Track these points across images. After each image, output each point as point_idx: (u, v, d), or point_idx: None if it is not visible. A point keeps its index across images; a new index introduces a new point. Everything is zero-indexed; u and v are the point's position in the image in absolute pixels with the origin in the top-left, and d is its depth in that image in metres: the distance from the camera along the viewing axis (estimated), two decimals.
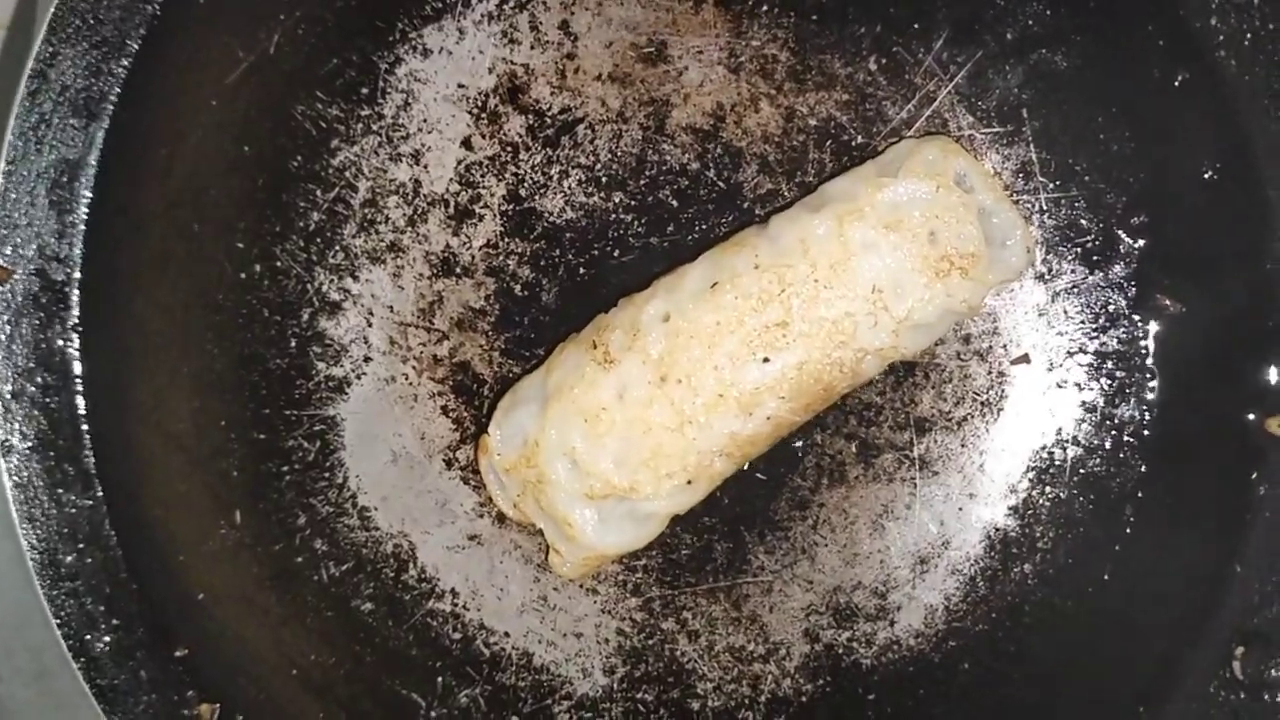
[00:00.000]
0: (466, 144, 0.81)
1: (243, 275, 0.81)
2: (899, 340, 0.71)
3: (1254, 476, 0.73)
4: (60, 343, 0.79)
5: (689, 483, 0.73)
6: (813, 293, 0.70)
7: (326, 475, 0.82)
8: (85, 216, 0.78)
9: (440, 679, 0.82)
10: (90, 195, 0.78)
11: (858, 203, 0.71)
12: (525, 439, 0.75)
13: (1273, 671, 0.69)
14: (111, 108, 0.76)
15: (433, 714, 0.82)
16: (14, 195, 0.77)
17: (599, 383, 0.73)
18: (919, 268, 0.70)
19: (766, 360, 0.71)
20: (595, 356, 0.73)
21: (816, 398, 0.73)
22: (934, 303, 0.70)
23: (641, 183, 0.80)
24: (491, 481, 0.79)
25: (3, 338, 0.77)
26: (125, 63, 0.75)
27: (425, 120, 0.81)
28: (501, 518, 0.82)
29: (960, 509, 0.80)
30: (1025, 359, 0.79)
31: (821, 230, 0.71)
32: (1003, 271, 0.72)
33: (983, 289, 0.71)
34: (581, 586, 0.82)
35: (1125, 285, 0.78)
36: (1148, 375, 0.78)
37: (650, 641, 0.82)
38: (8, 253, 0.76)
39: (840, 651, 0.81)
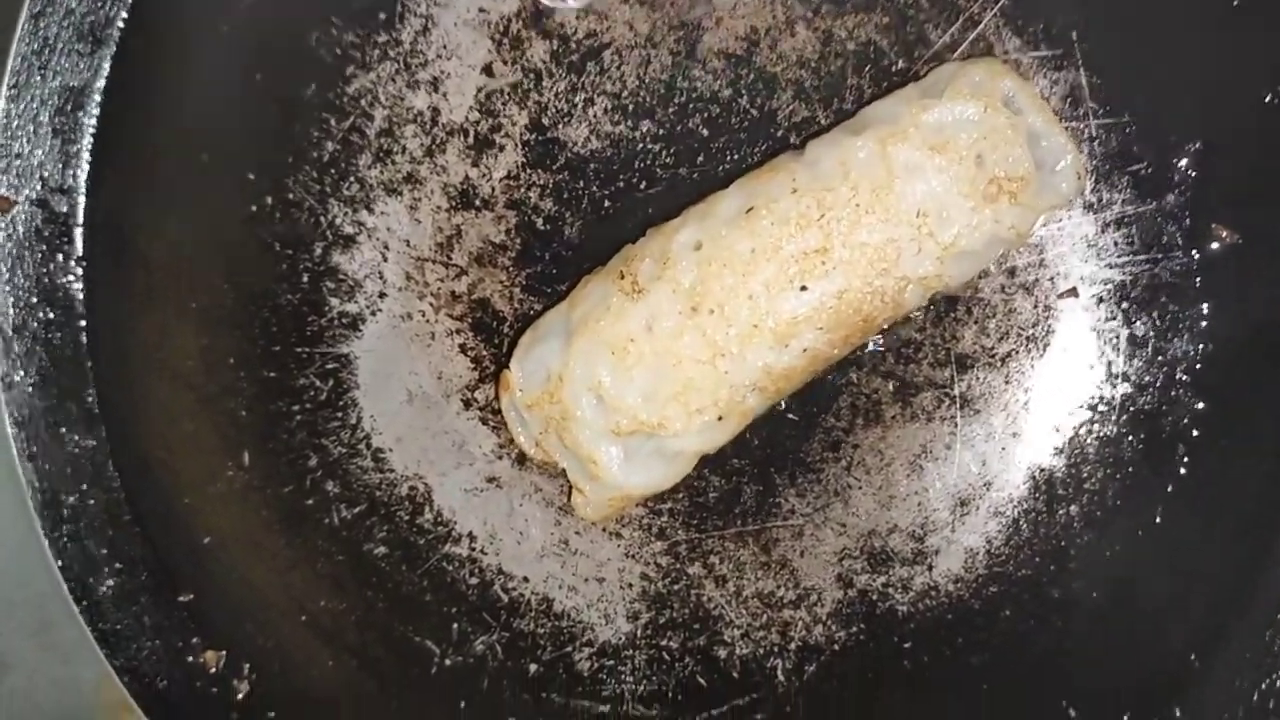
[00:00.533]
0: (487, 70, 0.78)
1: (253, 208, 0.79)
2: (944, 269, 0.69)
3: None
4: (64, 277, 0.77)
5: (720, 419, 0.70)
6: (854, 217, 0.68)
7: (339, 415, 0.80)
8: (90, 146, 0.76)
9: (455, 625, 0.80)
10: (95, 124, 0.76)
11: (901, 124, 0.68)
12: (548, 374, 0.72)
13: None
14: (118, 33, 0.74)
15: (447, 661, 0.80)
16: (17, 123, 0.75)
17: (627, 314, 0.70)
18: (966, 192, 0.67)
19: (804, 288, 0.68)
20: (622, 287, 0.71)
21: (855, 329, 0.70)
22: (981, 229, 0.67)
23: (670, 111, 0.77)
24: (513, 419, 0.76)
25: (4, 270, 0.75)
26: None
27: (445, 46, 0.78)
28: (522, 459, 0.80)
29: (1003, 449, 0.77)
30: (1073, 292, 0.76)
31: (863, 153, 0.68)
32: (1052, 197, 0.69)
33: (1032, 215, 0.68)
34: (604, 530, 0.79)
35: (1179, 215, 0.75)
36: (1202, 308, 0.75)
37: (675, 587, 0.79)
38: (10, 181, 0.74)
39: (875, 597, 0.78)
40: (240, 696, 0.77)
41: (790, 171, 0.70)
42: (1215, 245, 0.74)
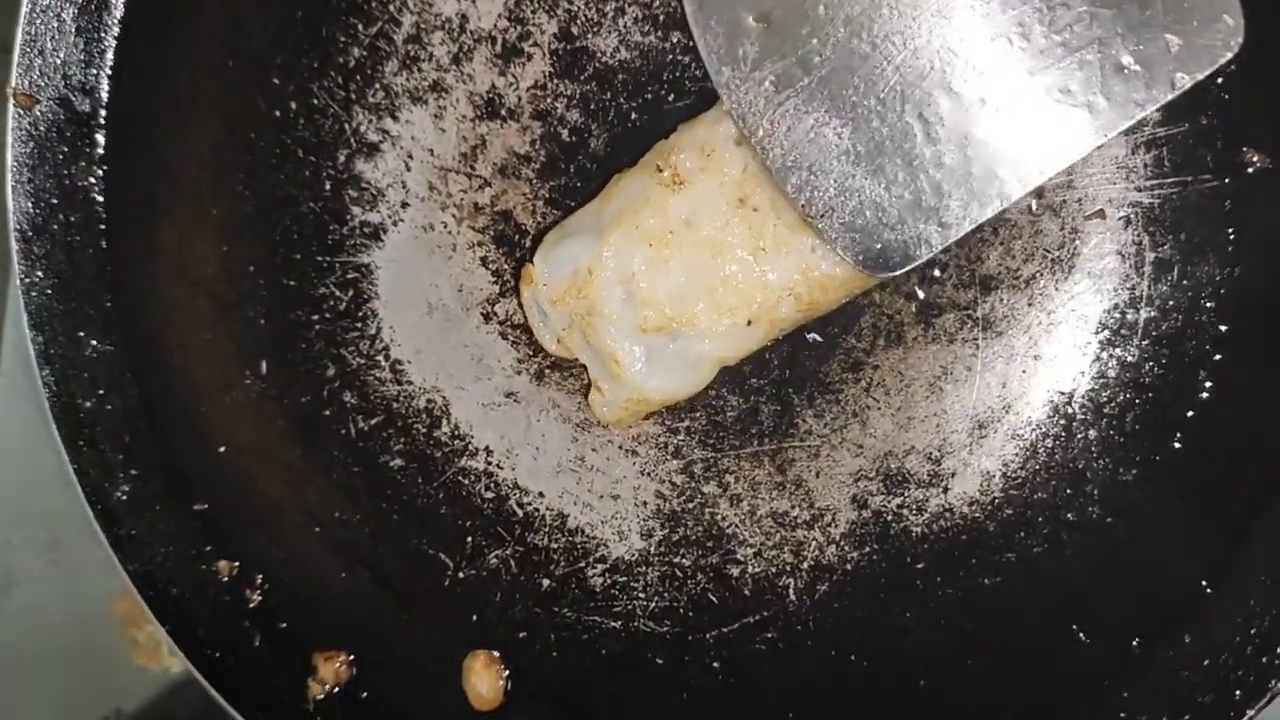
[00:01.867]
0: None
1: (277, 113, 0.78)
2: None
3: None
4: (85, 179, 0.76)
5: (749, 323, 0.70)
6: None
7: (358, 326, 0.80)
8: (113, 45, 0.75)
9: (470, 539, 0.80)
10: (119, 23, 0.74)
11: None
12: (576, 269, 0.72)
13: None
14: None
15: (461, 574, 0.80)
16: (40, 20, 0.74)
17: (667, 206, 0.69)
18: None
19: None
20: (662, 180, 0.70)
21: None
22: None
23: None
24: (534, 314, 0.76)
25: (25, 170, 0.74)
26: None
27: None
28: (540, 375, 0.79)
29: (1024, 371, 0.77)
30: (1100, 214, 0.75)
31: None
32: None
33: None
34: (620, 448, 0.79)
35: (1210, 137, 0.74)
36: (1229, 233, 0.74)
37: (690, 505, 0.79)
38: (32, 79, 0.73)
39: (889, 519, 0.78)
40: (252, 606, 0.77)
41: None
42: (1246, 169, 0.73)
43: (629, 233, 0.70)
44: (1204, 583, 0.71)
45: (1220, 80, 0.73)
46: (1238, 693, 0.68)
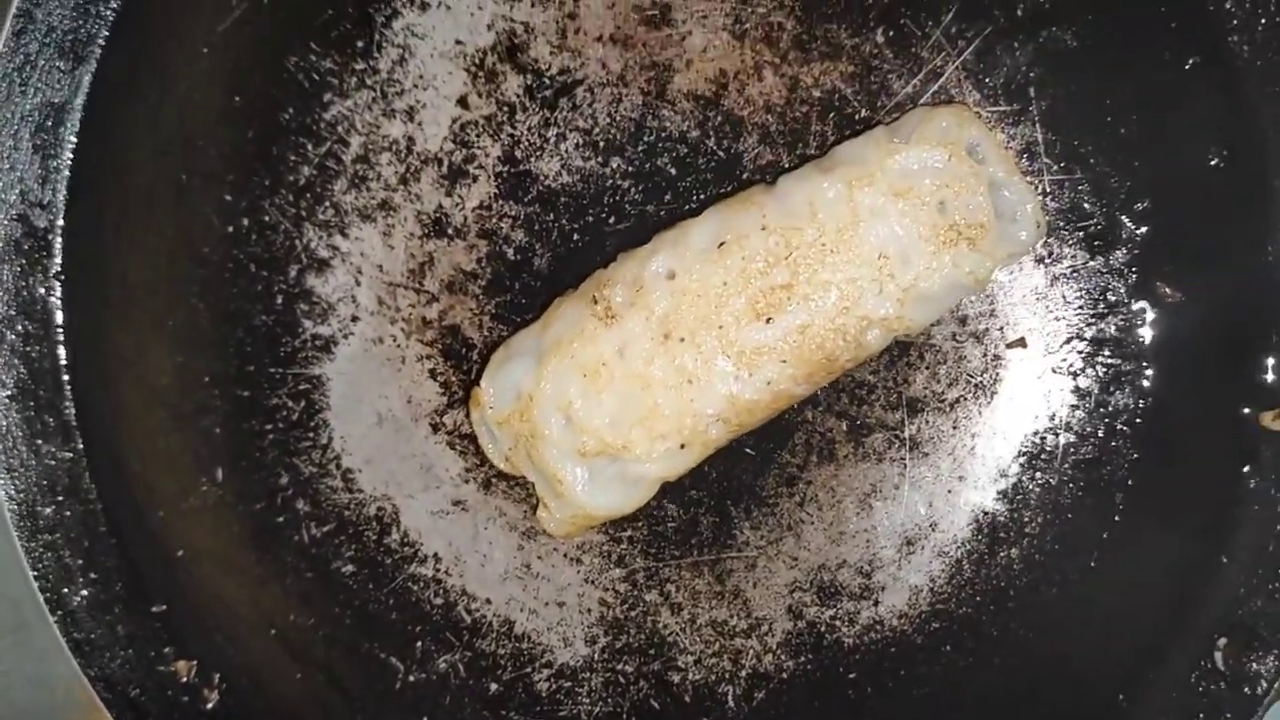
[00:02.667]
0: (462, 102, 0.79)
1: (230, 229, 0.80)
2: (903, 310, 0.71)
3: (1245, 470, 0.72)
4: (42, 290, 0.78)
5: (682, 446, 0.73)
6: (819, 256, 0.70)
7: (310, 435, 0.82)
8: (70, 162, 0.77)
9: (420, 644, 0.82)
10: (75, 141, 0.76)
11: (868, 167, 0.70)
12: (519, 393, 0.74)
13: (1254, 664, 0.69)
14: (99, 51, 0.74)
15: (411, 678, 0.82)
16: None
17: (599, 338, 0.72)
18: (927, 236, 0.69)
19: (769, 321, 0.70)
20: (595, 312, 0.73)
21: (818, 367, 0.72)
22: (940, 273, 0.70)
23: (640, 149, 0.79)
24: (483, 433, 0.78)
25: None
26: (114, 5, 0.73)
27: (421, 76, 0.79)
28: (488, 484, 0.82)
29: (949, 491, 0.80)
30: (1021, 343, 0.78)
31: (831, 194, 0.70)
32: (1010, 245, 0.71)
33: (990, 262, 0.70)
34: (565, 556, 0.81)
35: (1126, 272, 0.77)
36: (1144, 364, 0.77)
37: (633, 613, 0.81)
38: None
39: (823, 629, 0.81)
40: (210, 706, 0.79)
41: (761, 206, 0.72)
42: (1158, 303, 0.76)
43: (564, 362, 0.73)
44: (1120, 697, 0.74)
45: (1133, 219, 0.76)
46: None
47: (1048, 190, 0.77)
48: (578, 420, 0.73)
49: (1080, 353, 0.78)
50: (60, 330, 0.78)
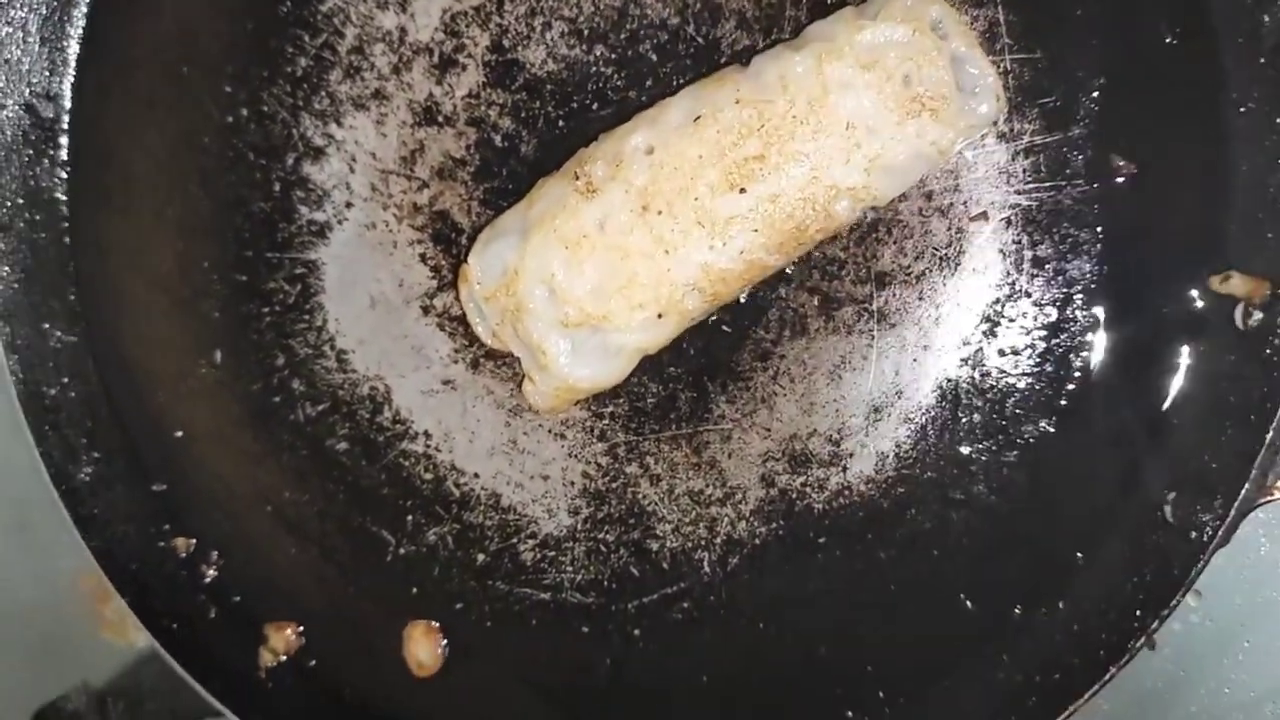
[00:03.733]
0: None
1: (229, 119, 0.83)
2: (870, 180, 0.74)
3: (1192, 334, 0.76)
4: (48, 180, 0.81)
5: (660, 316, 0.75)
6: (790, 128, 0.73)
7: (306, 318, 0.84)
8: (75, 54, 0.80)
9: (410, 517, 0.85)
10: (81, 33, 0.80)
11: (837, 43, 0.73)
12: (505, 268, 0.77)
13: (1200, 515, 0.72)
14: None
15: (401, 550, 0.85)
16: (6, 30, 0.79)
17: (581, 212, 0.75)
18: (892, 108, 0.72)
19: (743, 191, 0.73)
20: (577, 187, 0.75)
21: (788, 236, 0.75)
22: (905, 142, 0.73)
23: (622, 36, 0.82)
24: (471, 310, 0.81)
25: None
26: None
27: None
28: (475, 364, 0.84)
29: (915, 360, 0.82)
30: (984, 216, 0.81)
31: (801, 68, 0.73)
32: (971, 117, 0.74)
33: (951, 132, 0.73)
34: (550, 431, 0.85)
35: (1083, 145, 0.80)
36: (1099, 232, 0.80)
37: (614, 485, 0.84)
38: None
39: (794, 496, 0.83)
40: (208, 580, 0.83)
41: (734, 83, 0.75)
42: (1114, 175, 0.79)
43: (548, 236, 0.75)
44: (1077, 554, 0.77)
45: (1090, 95, 0.79)
46: (1101, 653, 0.75)
47: (1009, 69, 0.79)
48: (560, 291, 0.76)
49: (1039, 224, 0.81)
50: (65, 219, 0.81)
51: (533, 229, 0.76)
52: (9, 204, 0.80)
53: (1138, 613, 0.74)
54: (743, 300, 0.82)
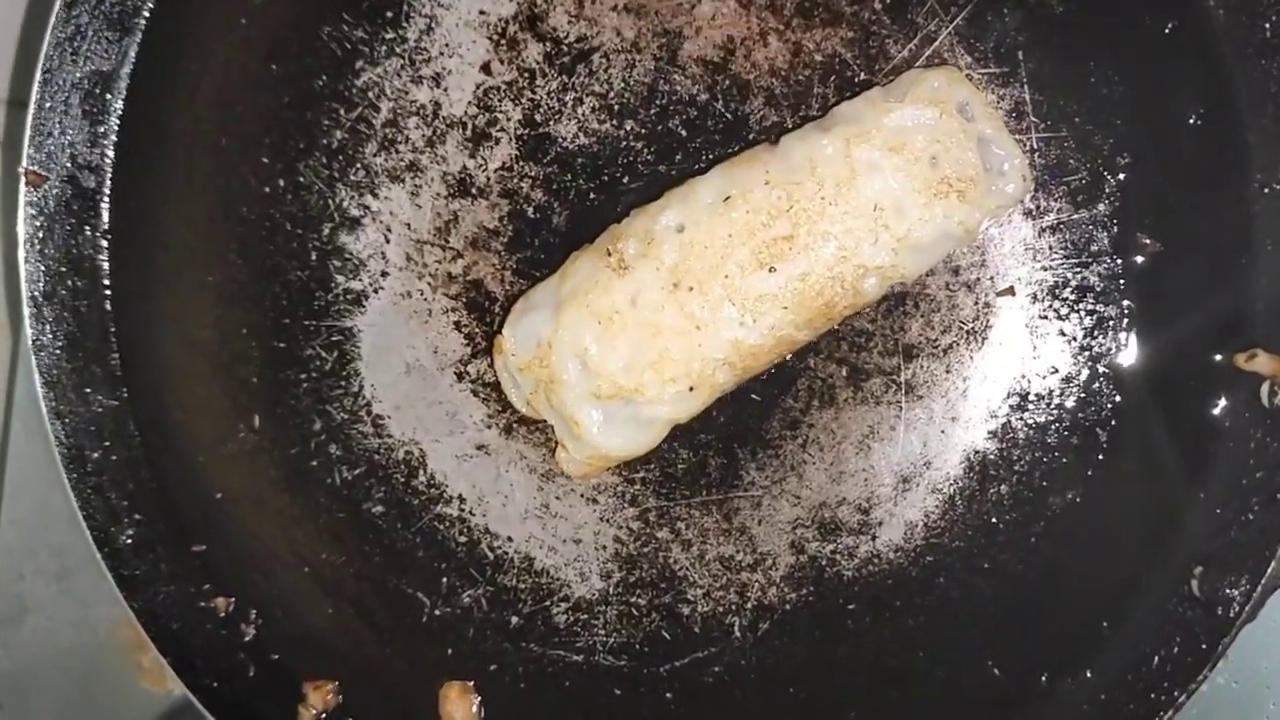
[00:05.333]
0: (486, 69, 0.84)
1: (266, 189, 0.84)
2: (898, 259, 0.75)
3: (1219, 408, 0.77)
4: (90, 249, 0.82)
5: (691, 389, 0.77)
6: (819, 209, 0.74)
7: (343, 384, 0.86)
8: (116, 127, 0.82)
9: (445, 579, 0.86)
10: (122, 107, 0.81)
11: (865, 125, 0.74)
12: (539, 341, 0.78)
13: (1227, 590, 0.73)
14: (144, 22, 0.79)
15: (436, 612, 0.86)
16: (49, 104, 0.80)
17: (613, 288, 0.76)
18: (919, 189, 0.74)
19: (773, 270, 0.75)
20: (610, 264, 0.77)
21: (818, 313, 0.76)
22: (932, 223, 0.74)
23: (652, 112, 0.83)
24: (505, 379, 0.82)
25: (36, 241, 0.80)
26: None
27: (447, 44, 0.84)
28: (509, 429, 0.86)
29: (943, 431, 0.83)
30: (1010, 291, 0.82)
31: (830, 150, 0.74)
32: (998, 197, 0.76)
33: (978, 213, 0.75)
34: (582, 496, 0.86)
35: (1108, 223, 0.81)
36: (1125, 310, 0.81)
37: (645, 549, 0.86)
38: (42, 159, 0.79)
39: (824, 563, 0.85)
40: (247, 639, 0.84)
41: (764, 163, 0.76)
42: (1139, 252, 0.80)
43: (580, 311, 0.77)
44: (1104, 624, 0.78)
45: (1116, 174, 0.80)
46: None
47: (1035, 147, 0.81)
48: (593, 365, 0.77)
49: (1066, 300, 0.82)
50: (107, 286, 0.83)
51: (565, 303, 0.78)
52: (52, 273, 0.81)
53: (1165, 685, 0.75)
54: (771, 370, 0.83)
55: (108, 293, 0.83)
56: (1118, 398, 0.81)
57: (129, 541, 0.83)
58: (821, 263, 0.75)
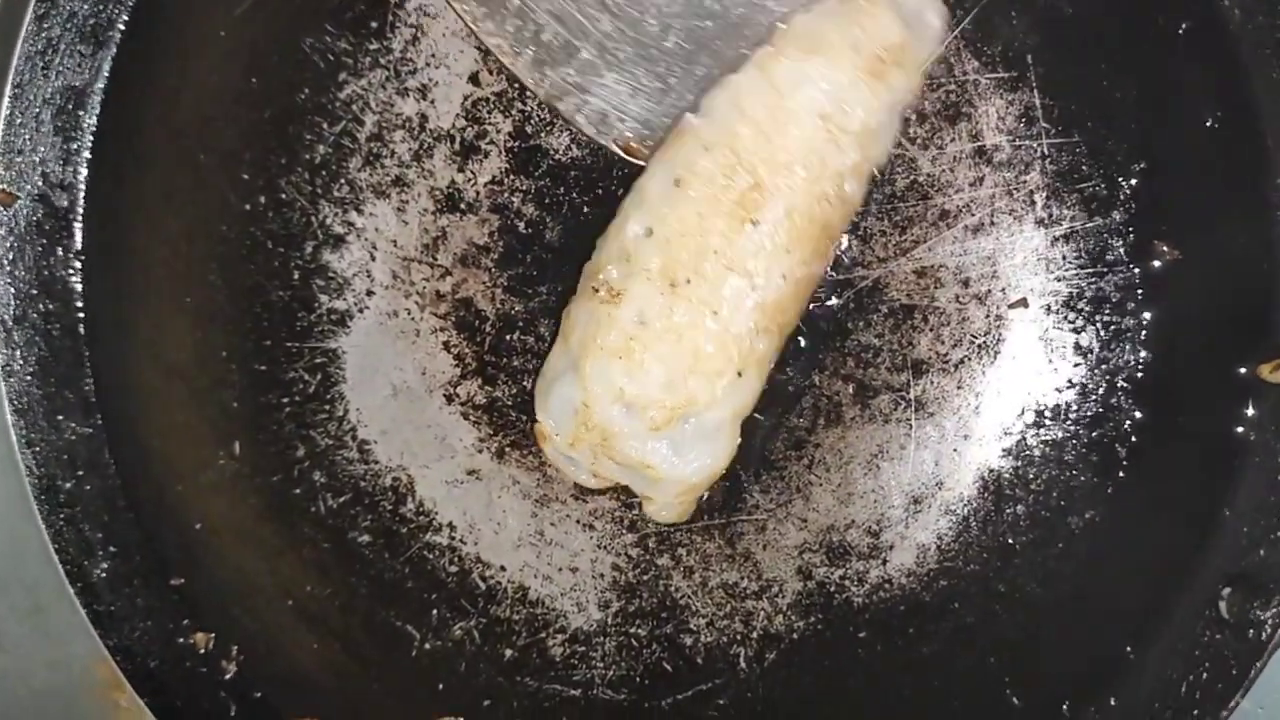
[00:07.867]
0: (474, 80, 0.82)
1: (247, 206, 0.82)
2: (865, 151, 0.72)
3: (1244, 422, 0.74)
4: (63, 270, 0.79)
5: (739, 374, 0.73)
6: (767, 147, 0.71)
7: (326, 408, 0.83)
8: (90, 144, 0.79)
9: (435, 611, 0.83)
10: (95, 123, 0.78)
11: (773, 42, 0.72)
12: (573, 408, 0.75)
13: (1258, 612, 0.70)
14: (119, 35, 0.76)
15: (426, 646, 0.83)
16: (19, 120, 0.77)
17: (617, 318, 0.73)
18: (855, 80, 0.71)
19: (755, 223, 0.72)
20: (601, 298, 0.74)
21: (819, 239, 0.74)
22: (880, 103, 0.72)
23: None
24: (563, 464, 0.79)
25: (5, 263, 0.77)
26: None
27: (433, 55, 0.81)
28: (501, 453, 0.83)
29: (955, 450, 0.81)
30: (1023, 303, 0.80)
31: (748, 83, 0.72)
32: (928, 43, 0.73)
33: (915, 71, 0.73)
34: (578, 522, 0.83)
35: (1124, 231, 0.79)
36: (1143, 321, 0.79)
37: (645, 577, 0.83)
38: (12, 177, 0.77)
39: (832, 589, 0.82)
40: (228, 677, 0.80)
41: (694, 132, 0.74)
42: (1156, 261, 0.78)
43: (598, 357, 0.74)
44: (1128, 648, 0.75)
45: (1131, 180, 0.78)
46: None
47: (1046, 154, 0.79)
48: (635, 400, 0.74)
49: (1081, 311, 0.80)
50: (80, 309, 0.79)
51: (581, 358, 0.75)
52: (22, 295, 0.78)
53: (1195, 712, 0.72)
54: (774, 389, 0.80)
55: (81, 316, 0.80)
56: (1137, 413, 0.79)
57: (104, 575, 0.79)
58: (797, 192, 0.72)
